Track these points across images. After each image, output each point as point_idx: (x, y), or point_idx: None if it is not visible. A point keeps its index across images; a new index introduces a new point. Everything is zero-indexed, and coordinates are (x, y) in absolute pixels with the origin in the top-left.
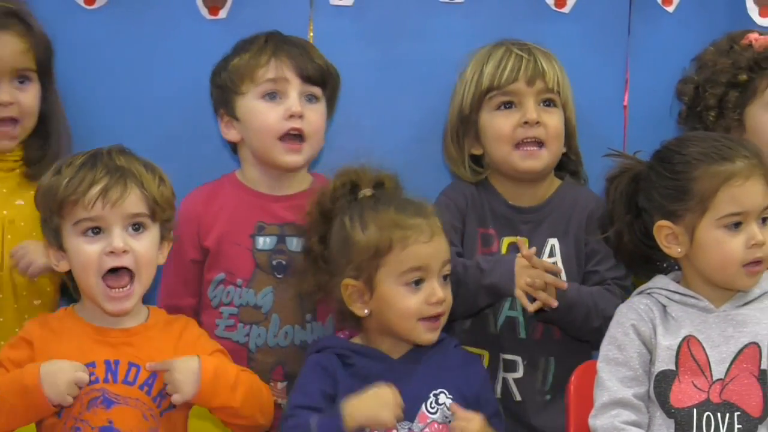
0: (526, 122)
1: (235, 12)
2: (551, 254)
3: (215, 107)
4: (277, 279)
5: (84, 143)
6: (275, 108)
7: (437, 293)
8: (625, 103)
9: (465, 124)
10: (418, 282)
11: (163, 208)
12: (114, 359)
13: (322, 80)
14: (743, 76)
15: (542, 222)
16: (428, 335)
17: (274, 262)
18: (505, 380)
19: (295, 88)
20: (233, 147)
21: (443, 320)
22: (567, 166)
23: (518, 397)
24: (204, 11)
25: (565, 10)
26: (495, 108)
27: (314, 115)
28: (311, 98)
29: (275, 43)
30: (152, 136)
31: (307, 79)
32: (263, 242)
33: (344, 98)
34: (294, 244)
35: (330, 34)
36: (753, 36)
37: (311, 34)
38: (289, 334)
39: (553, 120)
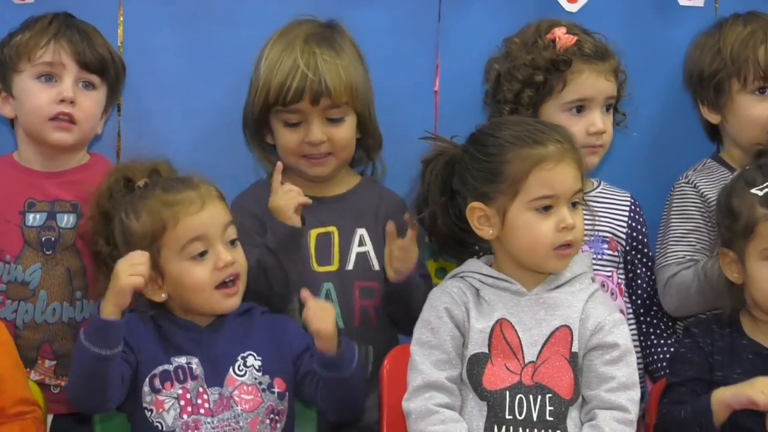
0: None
1: None
2: (361, 243)
3: None
4: (46, 255)
5: None
6: (48, 90)
7: (223, 257)
8: (436, 89)
9: (259, 123)
10: (202, 254)
11: None
12: None
13: (101, 69)
14: (539, 77)
15: (348, 211)
16: (227, 302)
17: (43, 239)
18: None
19: (70, 74)
20: (11, 123)
21: (240, 285)
22: (370, 152)
23: None
24: None
25: None
26: (282, 123)
27: (88, 102)
28: (87, 85)
29: (58, 25)
30: None
31: (84, 65)
32: (33, 219)
33: (154, 84)
34: (65, 221)
35: (140, 19)
36: (559, 32)
37: (121, 18)
38: (57, 311)
39: (340, 133)
